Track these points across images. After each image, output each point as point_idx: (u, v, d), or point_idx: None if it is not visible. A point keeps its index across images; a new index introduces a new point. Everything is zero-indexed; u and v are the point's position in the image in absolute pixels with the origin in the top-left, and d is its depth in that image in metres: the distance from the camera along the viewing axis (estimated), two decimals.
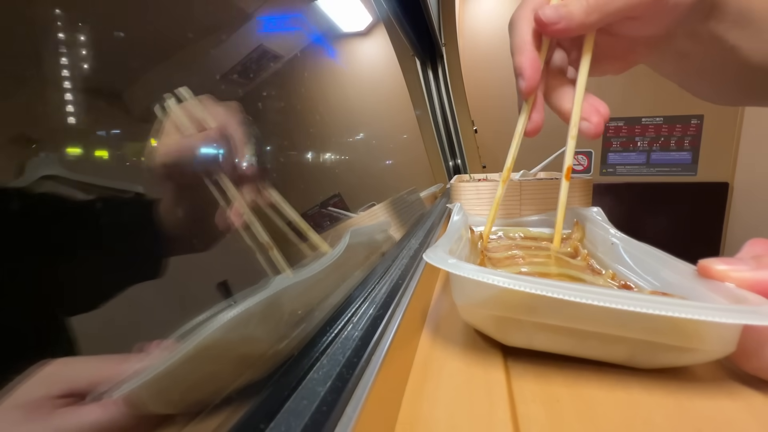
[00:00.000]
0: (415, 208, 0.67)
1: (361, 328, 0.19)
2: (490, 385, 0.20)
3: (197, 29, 0.62)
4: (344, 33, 1.40)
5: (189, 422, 0.18)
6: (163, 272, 0.41)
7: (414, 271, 0.30)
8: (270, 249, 0.30)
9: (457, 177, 0.76)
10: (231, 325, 0.17)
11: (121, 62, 0.50)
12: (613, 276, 0.29)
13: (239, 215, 0.31)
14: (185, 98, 0.32)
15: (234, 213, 0.31)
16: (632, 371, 0.20)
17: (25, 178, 0.39)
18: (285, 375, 0.15)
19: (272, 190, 0.34)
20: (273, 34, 0.91)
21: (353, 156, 1.52)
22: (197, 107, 0.32)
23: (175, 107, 0.32)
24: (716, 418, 0.17)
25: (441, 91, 1.35)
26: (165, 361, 0.17)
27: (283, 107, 1.11)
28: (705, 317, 0.15)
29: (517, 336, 0.22)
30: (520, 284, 0.18)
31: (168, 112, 0.32)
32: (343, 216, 0.62)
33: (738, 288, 0.19)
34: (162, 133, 0.32)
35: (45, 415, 0.17)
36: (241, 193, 0.31)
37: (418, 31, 1.13)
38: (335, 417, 0.13)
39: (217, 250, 0.43)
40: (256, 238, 0.30)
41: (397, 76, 1.30)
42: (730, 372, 0.20)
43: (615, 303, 0.16)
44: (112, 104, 0.51)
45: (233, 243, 0.36)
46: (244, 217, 0.31)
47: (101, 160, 0.48)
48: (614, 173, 1.58)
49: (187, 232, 0.39)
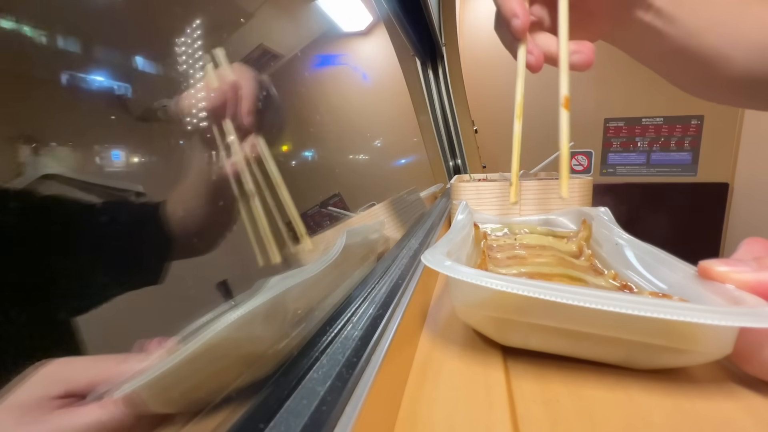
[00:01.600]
0: (415, 208, 0.67)
1: (361, 328, 0.19)
2: (490, 385, 0.20)
3: (198, 29, 0.62)
4: (344, 33, 1.40)
5: (189, 422, 0.18)
6: (165, 273, 0.41)
7: (414, 271, 0.30)
8: (252, 197, 0.33)
9: (457, 177, 0.76)
10: (235, 326, 0.17)
11: (122, 61, 0.50)
12: (615, 276, 0.29)
13: (232, 163, 0.34)
14: (220, 61, 0.37)
15: (229, 161, 0.34)
16: (631, 372, 0.20)
17: (25, 178, 0.39)
18: (285, 375, 0.15)
19: (263, 143, 0.36)
20: (274, 34, 0.91)
21: (353, 156, 1.52)
22: (225, 67, 0.36)
23: (209, 67, 0.37)
24: (715, 419, 0.17)
25: (441, 91, 1.35)
26: (167, 362, 0.17)
27: (283, 107, 1.11)
28: (699, 320, 0.15)
29: (514, 336, 0.22)
30: (515, 287, 0.18)
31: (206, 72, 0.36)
32: (343, 216, 0.62)
33: (738, 289, 0.19)
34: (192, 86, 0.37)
35: (44, 416, 0.17)
36: (241, 141, 0.35)
37: (419, 31, 1.13)
38: (335, 417, 0.13)
39: (217, 250, 0.43)
40: (243, 186, 0.33)
41: (397, 75, 1.30)
42: (729, 373, 0.20)
43: (607, 305, 0.16)
44: (113, 103, 0.51)
45: (232, 244, 0.37)
46: (237, 165, 0.34)
47: (102, 159, 0.48)
48: (614, 173, 1.58)
49: (190, 222, 0.40)
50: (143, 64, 0.50)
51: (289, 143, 1.14)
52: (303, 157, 1.25)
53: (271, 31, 0.90)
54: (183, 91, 0.36)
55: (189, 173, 0.39)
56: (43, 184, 0.40)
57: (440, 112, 1.36)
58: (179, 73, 0.39)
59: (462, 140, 1.35)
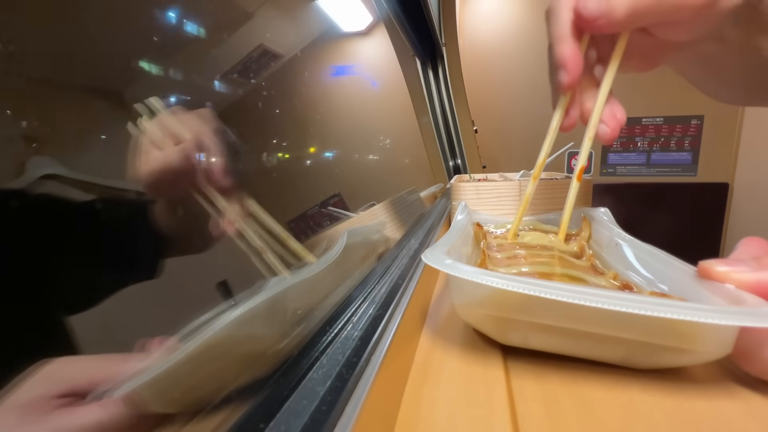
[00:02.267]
0: (415, 208, 0.67)
1: (361, 328, 0.19)
2: (490, 385, 0.20)
3: (198, 29, 0.62)
4: (344, 33, 1.40)
5: (189, 421, 0.18)
6: (161, 271, 0.41)
7: (414, 271, 0.30)
8: (264, 252, 0.30)
9: (457, 177, 0.76)
10: (234, 325, 0.17)
11: (122, 61, 0.50)
12: (615, 276, 0.29)
13: (230, 223, 0.31)
14: (157, 109, 0.32)
15: (225, 221, 0.31)
16: (631, 371, 0.20)
17: (25, 178, 0.39)
18: (285, 374, 0.15)
19: (250, 200, 0.33)
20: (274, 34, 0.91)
21: (353, 156, 1.51)
22: (171, 120, 0.32)
23: (148, 124, 0.32)
24: (715, 419, 0.17)
25: (441, 91, 1.35)
26: (167, 361, 0.17)
27: (284, 107, 1.11)
28: (700, 319, 0.15)
29: (514, 335, 0.22)
30: (515, 285, 0.18)
31: (142, 129, 0.32)
32: (343, 216, 0.62)
33: (738, 289, 0.19)
34: (140, 151, 0.32)
35: (44, 415, 0.17)
36: (228, 200, 0.32)
37: (419, 30, 1.13)
38: (335, 417, 0.13)
39: (215, 250, 0.43)
40: (250, 243, 0.31)
41: (397, 75, 1.30)
42: (730, 372, 0.20)
43: (608, 304, 0.16)
44: (113, 103, 0.51)
45: (231, 244, 0.36)
46: (236, 225, 0.31)
47: (102, 159, 0.48)
48: (614, 173, 1.58)
49: (184, 235, 0.39)
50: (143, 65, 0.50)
51: (289, 143, 1.14)
52: (303, 157, 1.25)
53: (271, 31, 0.90)
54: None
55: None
56: (43, 184, 0.40)
57: (440, 112, 1.36)
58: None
59: (462, 140, 1.35)
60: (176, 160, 0.30)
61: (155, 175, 0.31)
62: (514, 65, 1.56)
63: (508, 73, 1.57)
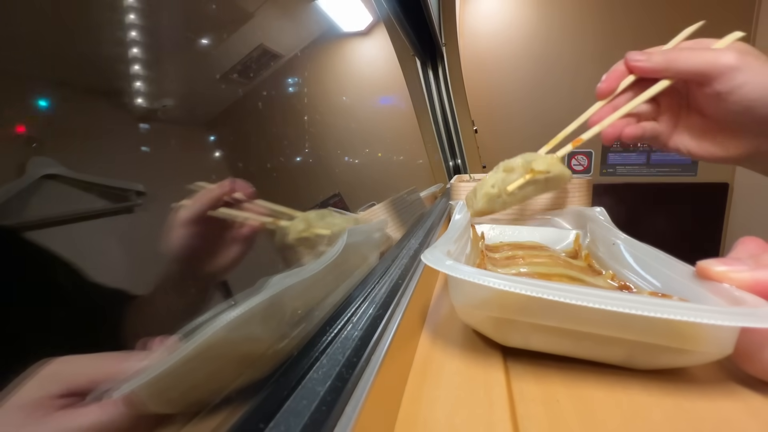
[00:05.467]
0: (415, 208, 0.67)
1: (361, 328, 0.19)
2: (490, 385, 0.20)
3: (198, 29, 0.62)
4: (344, 33, 1.40)
5: (189, 422, 0.18)
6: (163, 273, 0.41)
7: (414, 271, 0.30)
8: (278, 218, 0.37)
9: (457, 177, 0.76)
10: (233, 325, 0.17)
11: (122, 61, 0.50)
12: (613, 276, 0.29)
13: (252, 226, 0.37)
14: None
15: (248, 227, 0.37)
16: (631, 372, 0.20)
17: (25, 178, 0.39)
18: (285, 374, 0.15)
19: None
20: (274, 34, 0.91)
21: (353, 156, 1.51)
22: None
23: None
24: (715, 419, 0.17)
25: (441, 91, 1.35)
26: (167, 361, 0.17)
27: (284, 107, 1.11)
28: (701, 320, 0.15)
29: (514, 336, 0.22)
30: (516, 286, 0.18)
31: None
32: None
33: (737, 289, 0.19)
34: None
35: (45, 416, 0.17)
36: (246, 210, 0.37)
37: (419, 30, 1.13)
38: (335, 417, 0.13)
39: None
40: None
41: (397, 75, 1.30)
42: (730, 373, 0.20)
43: (610, 305, 0.16)
44: (113, 103, 0.51)
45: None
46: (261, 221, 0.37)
47: (102, 159, 0.48)
48: (614, 173, 1.58)
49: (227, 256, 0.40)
50: (143, 65, 0.50)
51: (289, 143, 1.14)
52: (303, 157, 1.25)
53: (271, 31, 0.90)
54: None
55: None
56: (43, 184, 0.40)
57: (440, 112, 1.36)
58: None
59: (462, 140, 1.35)
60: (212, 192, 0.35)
61: (198, 206, 0.35)
62: (514, 65, 1.56)
63: (508, 73, 1.57)
